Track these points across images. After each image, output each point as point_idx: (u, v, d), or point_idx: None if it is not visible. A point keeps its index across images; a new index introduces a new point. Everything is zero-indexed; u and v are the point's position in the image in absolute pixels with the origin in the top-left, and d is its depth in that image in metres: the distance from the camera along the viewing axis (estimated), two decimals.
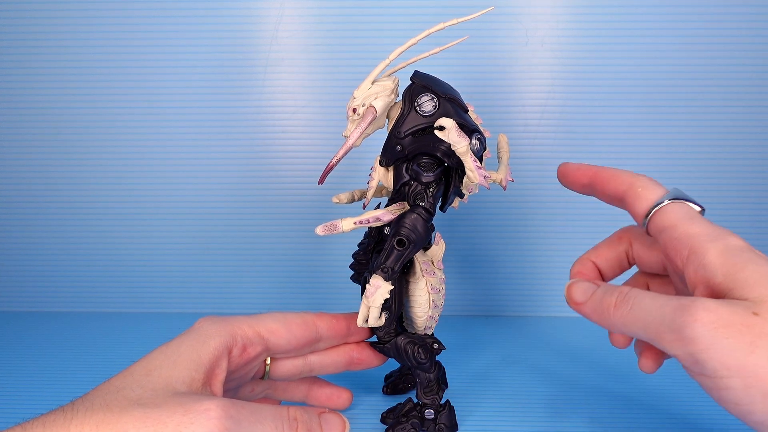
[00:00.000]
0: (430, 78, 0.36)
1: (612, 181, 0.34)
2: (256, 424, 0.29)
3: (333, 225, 0.35)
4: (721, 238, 0.28)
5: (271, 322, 0.36)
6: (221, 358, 0.32)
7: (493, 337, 0.54)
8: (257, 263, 0.60)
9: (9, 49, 0.57)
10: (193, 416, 0.27)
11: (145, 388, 0.29)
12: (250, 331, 0.35)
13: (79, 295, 0.61)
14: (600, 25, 0.55)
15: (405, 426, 0.37)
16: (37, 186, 0.59)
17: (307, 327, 0.37)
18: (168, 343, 0.32)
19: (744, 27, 0.55)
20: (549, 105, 0.57)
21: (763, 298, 0.26)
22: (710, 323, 0.25)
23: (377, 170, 0.37)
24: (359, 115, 0.34)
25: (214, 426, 0.27)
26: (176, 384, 0.30)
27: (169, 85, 0.57)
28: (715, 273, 0.28)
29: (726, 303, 0.26)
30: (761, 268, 0.27)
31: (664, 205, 0.31)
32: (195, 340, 0.33)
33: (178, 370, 0.30)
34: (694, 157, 0.57)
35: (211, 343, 0.32)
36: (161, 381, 0.30)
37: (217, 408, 0.28)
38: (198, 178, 0.59)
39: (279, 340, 0.35)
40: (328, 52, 0.56)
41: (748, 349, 0.25)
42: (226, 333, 0.33)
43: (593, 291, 0.32)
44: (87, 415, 0.27)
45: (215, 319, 0.34)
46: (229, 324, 0.34)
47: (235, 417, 0.28)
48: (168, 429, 0.27)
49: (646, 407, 0.41)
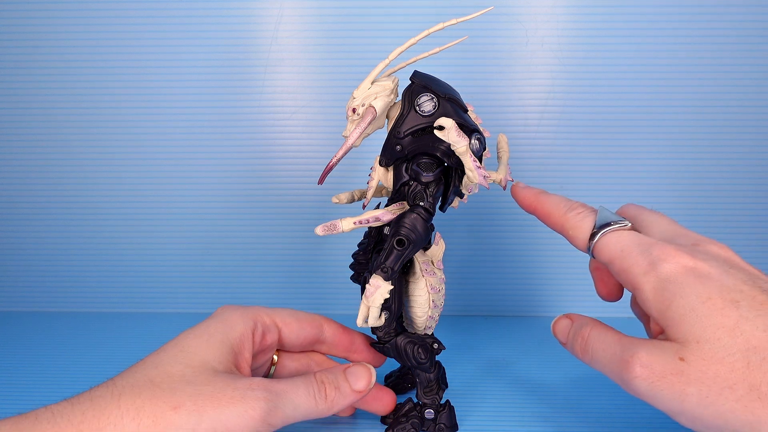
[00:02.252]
0: (429, 78, 0.36)
1: (547, 219, 0.35)
2: (291, 393, 0.31)
3: (333, 225, 0.35)
4: (652, 270, 0.28)
5: (285, 314, 0.37)
6: (247, 341, 0.34)
7: (493, 337, 0.54)
8: (257, 263, 0.60)
9: (9, 49, 0.57)
10: (241, 392, 0.29)
11: (184, 365, 0.30)
12: (268, 320, 0.36)
13: (79, 295, 0.61)
14: (600, 25, 0.55)
15: (405, 426, 0.37)
16: (37, 186, 0.59)
17: (315, 326, 0.38)
18: (195, 326, 0.34)
19: (744, 27, 0.55)
20: (549, 105, 0.57)
21: (686, 338, 0.27)
22: (646, 379, 0.27)
23: (377, 170, 0.37)
24: (359, 115, 0.34)
25: (262, 399, 0.29)
26: (212, 363, 0.31)
27: (170, 85, 0.57)
28: (651, 310, 0.28)
29: (658, 351, 0.27)
30: (686, 300, 0.27)
31: (596, 241, 0.31)
32: (222, 323, 0.34)
33: (211, 350, 0.32)
34: (694, 157, 0.57)
35: (238, 328, 0.34)
36: (197, 359, 0.31)
37: (260, 384, 0.30)
38: (198, 178, 0.59)
39: (290, 333, 0.37)
40: (328, 52, 0.56)
41: (680, 398, 0.26)
42: (250, 319, 0.35)
43: (568, 330, 0.33)
44: (135, 391, 0.28)
45: (236, 307, 0.36)
46: (251, 311, 0.36)
47: (275, 391, 0.30)
48: (221, 404, 0.28)
49: (647, 405, 0.41)
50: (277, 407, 0.30)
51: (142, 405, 0.27)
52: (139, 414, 0.27)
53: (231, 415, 0.28)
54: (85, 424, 0.27)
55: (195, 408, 0.28)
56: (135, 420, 0.27)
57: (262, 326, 0.36)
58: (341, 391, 0.33)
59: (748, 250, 0.57)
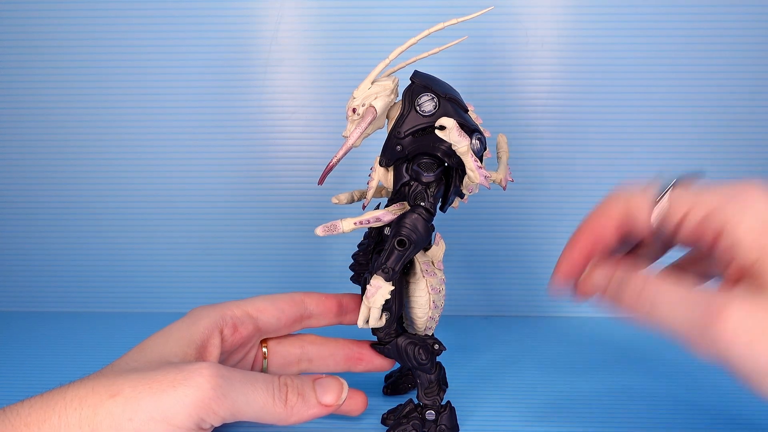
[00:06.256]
0: (430, 78, 0.36)
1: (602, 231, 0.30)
2: (246, 385, 0.30)
3: (333, 225, 0.35)
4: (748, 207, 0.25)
5: (258, 301, 0.37)
6: (212, 336, 0.33)
7: (493, 337, 0.54)
8: (257, 263, 0.60)
9: (9, 49, 0.57)
10: (186, 374, 0.28)
11: (139, 362, 0.30)
12: (239, 311, 0.36)
13: (79, 295, 0.61)
14: (600, 25, 0.55)
15: (406, 427, 0.37)
16: (37, 186, 0.59)
17: (294, 303, 0.38)
18: (162, 329, 0.34)
19: (744, 27, 0.54)
20: (549, 105, 0.56)
21: None
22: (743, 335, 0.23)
23: (377, 170, 0.36)
24: (359, 115, 0.34)
25: (206, 382, 0.28)
26: (169, 357, 0.31)
27: (170, 85, 0.57)
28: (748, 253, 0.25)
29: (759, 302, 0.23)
30: None
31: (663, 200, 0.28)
32: (185, 322, 0.34)
33: (170, 345, 0.32)
34: (694, 157, 0.57)
35: (201, 323, 0.34)
36: (155, 355, 0.31)
37: (210, 367, 0.29)
38: (198, 178, 0.59)
39: (268, 317, 0.36)
40: (328, 52, 0.56)
41: None
42: (216, 314, 0.35)
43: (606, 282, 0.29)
44: (81, 384, 0.28)
45: (205, 306, 0.36)
46: (219, 306, 0.36)
47: (226, 376, 0.29)
48: (162, 386, 0.27)
49: (648, 405, 0.41)
50: (226, 395, 0.28)
51: (85, 395, 0.27)
52: (81, 404, 0.27)
53: (170, 401, 0.27)
54: (32, 416, 0.27)
55: (133, 395, 0.27)
56: (77, 410, 0.27)
57: (232, 319, 0.35)
58: (305, 400, 0.32)
59: None
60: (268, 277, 0.60)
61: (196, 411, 0.27)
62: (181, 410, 0.27)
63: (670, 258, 0.33)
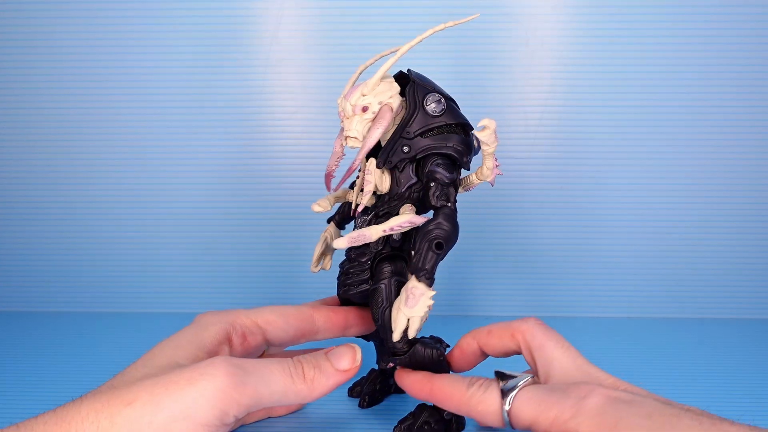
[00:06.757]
0: (424, 77, 0.35)
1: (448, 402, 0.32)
2: (262, 369, 0.29)
3: (361, 235, 0.33)
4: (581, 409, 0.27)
5: (268, 313, 0.36)
6: (222, 342, 0.33)
7: None
8: (257, 263, 0.60)
9: (9, 48, 0.57)
10: (201, 370, 0.28)
11: (151, 368, 0.30)
12: (248, 321, 0.35)
13: (79, 295, 0.61)
14: (600, 25, 0.55)
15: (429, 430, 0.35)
16: (37, 186, 0.59)
17: (303, 319, 0.37)
18: (170, 336, 0.33)
19: (744, 27, 0.54)
20: (549, 105, 0.56)
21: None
22: None
23: (373, 173, 0.35)
24: (373, 113, 0.34)
25: (222, 373, 0.28)
26: (179, 360, 0.31)
27: (170, 85, 0.57)
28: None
29: None
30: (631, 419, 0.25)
31: (511, 407, 0.29)
32: (196, 328, 0.33)
33: (180, 351, 0.31)
34: (694, 157, 0.57)
35: (212, 329, 0.33)
36: (165, 360, 0.30)
37: (222, 359, 0.28)
38: (198, 178, 0.59)
39: (276, 330, 0.36)
40: (328, 52, 0.56)
41: None
42: (226, 321, 0.34)
43: None
44: (95, 397, 0.28)
45: (214, 312, 0.35)
46: (228, 314, 0.35)
47: (240, 365, 0.29)
48: (179, 386, 0.27)
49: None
50: (246, 383, 0.28)
51: (101, 408, 0.27)
52: (98, 416, 0.27)
53: (190, 398, 0.27)
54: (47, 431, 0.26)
55: (150, 399, 0.27)
56: (94, 423, 0.26)
57: (241, 328, 0.35)
58: (322, 371, 0.31)
59: (748, 250, 0.57)
60: (269, 276, 0.60)
61: (217, 403, 0.27)
62: (203, 404, 0.27)
63: None
